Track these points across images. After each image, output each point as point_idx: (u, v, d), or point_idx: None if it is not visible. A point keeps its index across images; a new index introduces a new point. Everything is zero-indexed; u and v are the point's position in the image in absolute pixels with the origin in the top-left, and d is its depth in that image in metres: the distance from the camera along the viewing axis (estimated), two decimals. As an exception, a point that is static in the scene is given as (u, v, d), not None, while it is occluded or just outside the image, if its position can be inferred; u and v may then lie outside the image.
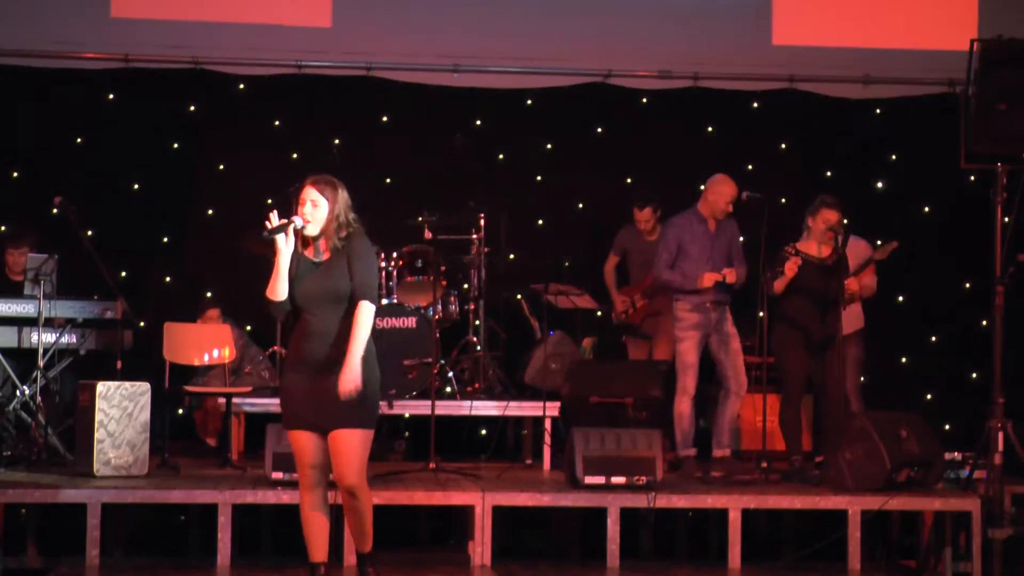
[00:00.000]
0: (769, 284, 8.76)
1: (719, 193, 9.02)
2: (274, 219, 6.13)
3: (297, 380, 6.14)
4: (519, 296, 10.52)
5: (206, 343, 9.30)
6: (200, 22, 10.61)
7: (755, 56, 10.89)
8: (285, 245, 6.10)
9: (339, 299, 6.11)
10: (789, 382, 8.92)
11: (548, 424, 9.14)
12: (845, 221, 9.39)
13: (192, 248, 10.70)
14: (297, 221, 6.13)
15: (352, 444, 6.07)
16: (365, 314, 6.08)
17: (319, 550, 6.28)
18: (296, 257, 6.18)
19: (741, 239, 9.24)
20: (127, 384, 8.12)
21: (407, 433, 9.86)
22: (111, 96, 10.65)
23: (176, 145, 10.74)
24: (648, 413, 9.00)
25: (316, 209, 6.14)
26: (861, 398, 9.52)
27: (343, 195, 6.18)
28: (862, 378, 9.70)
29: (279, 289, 6.12)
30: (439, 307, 9.50)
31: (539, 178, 10.99)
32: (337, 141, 10.59)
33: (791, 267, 8.68)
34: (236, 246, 9.88)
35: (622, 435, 8.09)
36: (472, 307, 9.87)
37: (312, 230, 6.15)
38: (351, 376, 6.00)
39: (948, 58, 10.12)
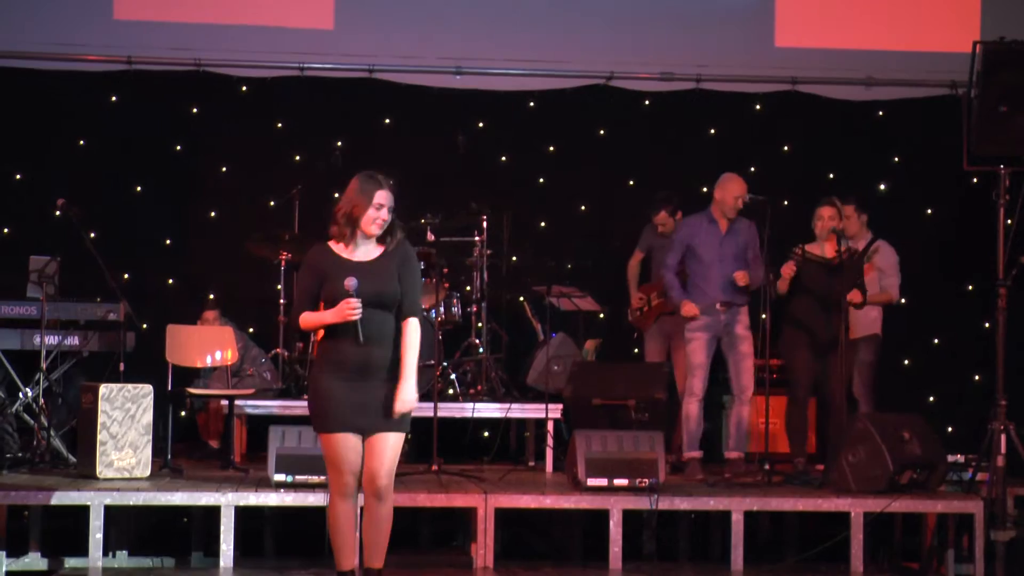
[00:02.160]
0: (772, 286, 8.77)
1: (726, 190, 9.00)
2: (355, 309, 5.95)
3: (338, 383, 6.01)
4: (521, 298, 10.51)
5: (208, 345, 9.30)
6: (202, 24, 10.62)
7: (757, 58, 10.90)
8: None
9: (387, 304, 6.05)
10: (795, 383, 8.92)
11: (550, 426, 9.14)
12: (866, 217, 9.43)
13: (195, 250, 10.69)
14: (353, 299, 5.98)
15: (390, 447, 6.08)
16: (415, 332, 6.10)
17: (349, 558, 6.17)
18: (336, 260, 6.07)
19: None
20: (130, 386, 8.13)
21: (409, 435, 9.82)
22: (114, 98, 10.65)
23: (179, 147, 10.74)
24: (650, 415, 8.99)
25: (386, 213, 6.06)
26: (871, 402, 9.50)
27: None
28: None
29: (315, 329, 6.12)
30: (441, 309, 9.50)
31: (541, 180, 10.99)
32: (339, 143, 10.59)
33: (786, 270, 8.72)
34: (239, 248, 9.90)
35: (624, 437, 8.09)
36: (475, 309, 9.87)
37: (376, 231, 6.08)
38: (410, 397, 6.06)
39: (951, 60, 10.13)
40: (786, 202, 10.17)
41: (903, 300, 10.30)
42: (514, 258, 10.40)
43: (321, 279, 6.05)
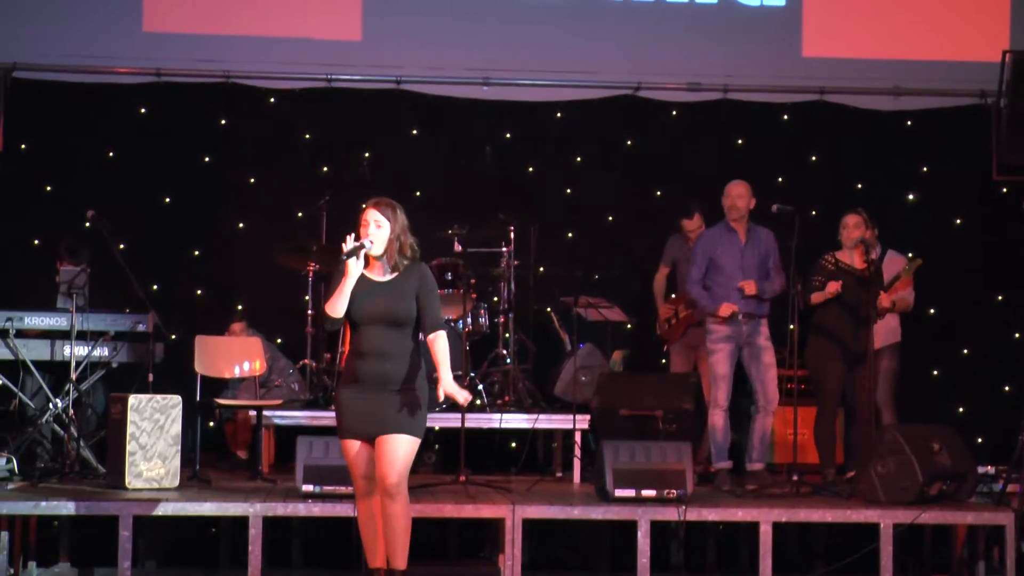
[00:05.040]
0: (803, 295, 8.73)
1: (725, 194, 9.02)
2: (350, 241, 6.28)
3: (353, 394, 6.32)
4: (549, 309, 10.51)
5: (237, 356, 9.33)
6: (231, 36, 10.67)
7: (785, 68, 10.87)
8: (355, 267, 6.27)
9: (399, 321, 6.31)
10: (824, 394, 8.89)
11: (578, 437, 9.12)
12: (876, 231, 9.37)
13: (223, 261, 10.74)
14: (367, 244, 6.29)
15: (396, 447, 6.26)
16: (443, 340, 6.37)
17: (378, 556, 6.41)
18: (359, 277, 6.32)
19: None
20: (158, 397, 8.16)
21: (436, 446, 9.88)
22: (143, 110, 10.71)
23: (207, 158, 10.79)
24: (678, 426, 8.97)
25: (379, 230, 6.33)
26: (895, 411, 9.46)
27: (402, 217, 6.39)
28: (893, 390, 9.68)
29: (339, 307, 6.27)
30: (469, 320, 9.51)
31: (569, 191, 10.99)
32: (367, 154, 10.62)
33: (832, 287, 8.67)
34: (267, 259, 9.93)
35: (652, 448, 8.08)
36: (502, 320, 9.87)
37: (376, 250, 6.34)
38: (450, 387, 6.28)
39: (979, 69, 10.11)
40: (814, 212, 10.14)
41: (932, 310, 10.28)
42: (541, 268, 10.40)
43: None
